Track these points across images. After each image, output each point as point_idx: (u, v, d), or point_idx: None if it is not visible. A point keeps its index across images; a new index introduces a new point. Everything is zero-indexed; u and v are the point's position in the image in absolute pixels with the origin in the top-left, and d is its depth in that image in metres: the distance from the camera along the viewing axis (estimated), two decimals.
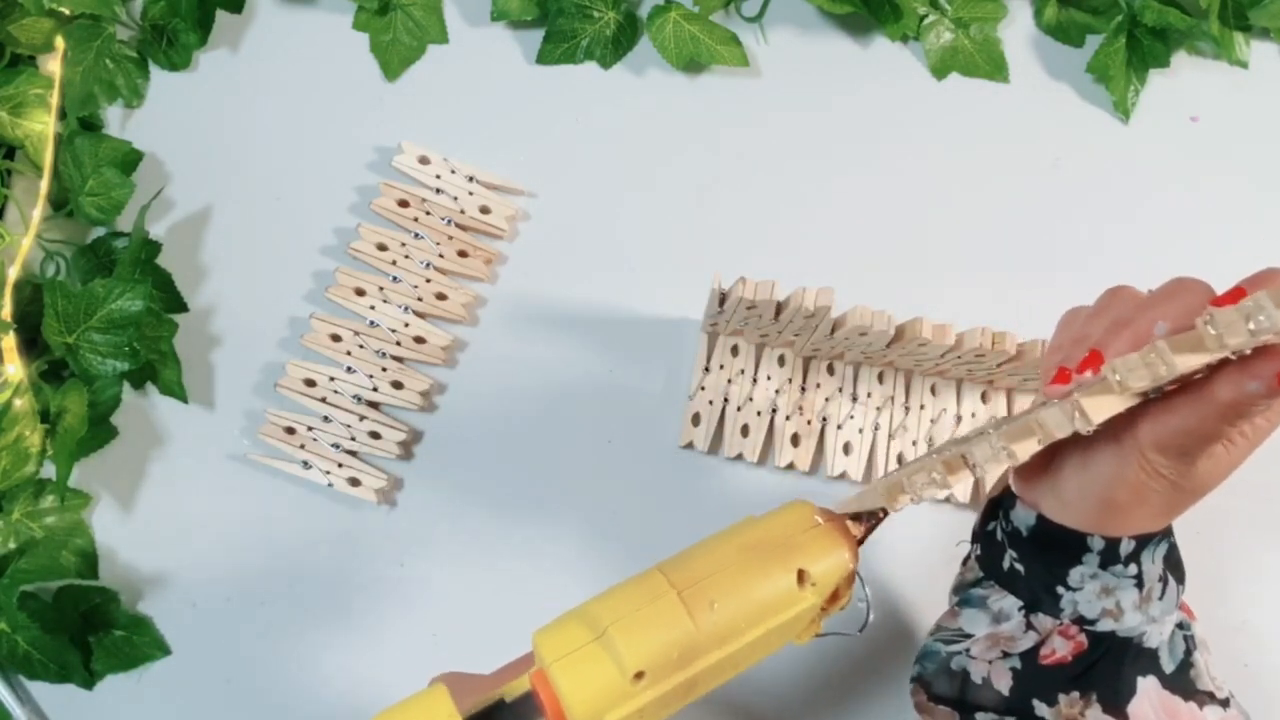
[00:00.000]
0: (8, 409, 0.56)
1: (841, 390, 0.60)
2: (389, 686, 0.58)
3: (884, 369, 0.61)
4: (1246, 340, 0.31)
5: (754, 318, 0.56)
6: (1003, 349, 0.52)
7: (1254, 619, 0.59)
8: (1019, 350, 0.53)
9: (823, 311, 0.52)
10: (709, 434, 0.59)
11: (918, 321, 0.53)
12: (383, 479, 0.60)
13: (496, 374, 0.63)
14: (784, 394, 0.60)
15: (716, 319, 0.58)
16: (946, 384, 0.61)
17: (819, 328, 0.54)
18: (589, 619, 0.37)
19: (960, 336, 0.53)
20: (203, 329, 0.63)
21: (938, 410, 0.60)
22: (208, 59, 0.68)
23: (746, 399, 0.60)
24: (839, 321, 0.54)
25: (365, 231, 0.63)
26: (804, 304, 0.52)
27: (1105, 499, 0.40)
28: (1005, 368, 0.55)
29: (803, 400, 0.60)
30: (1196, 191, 0.66)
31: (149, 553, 0.61)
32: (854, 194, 0.65)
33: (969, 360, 0.55)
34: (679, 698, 0.38)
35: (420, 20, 0.67)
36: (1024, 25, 0.69)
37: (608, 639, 0.36)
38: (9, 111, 0.62)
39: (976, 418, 0.60)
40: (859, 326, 0.52)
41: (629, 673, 0.36)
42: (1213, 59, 0.68)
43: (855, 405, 0.60)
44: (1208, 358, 0.33)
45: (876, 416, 0.60)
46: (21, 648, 0.55)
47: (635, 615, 0.37)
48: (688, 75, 0.67)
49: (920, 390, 0.60)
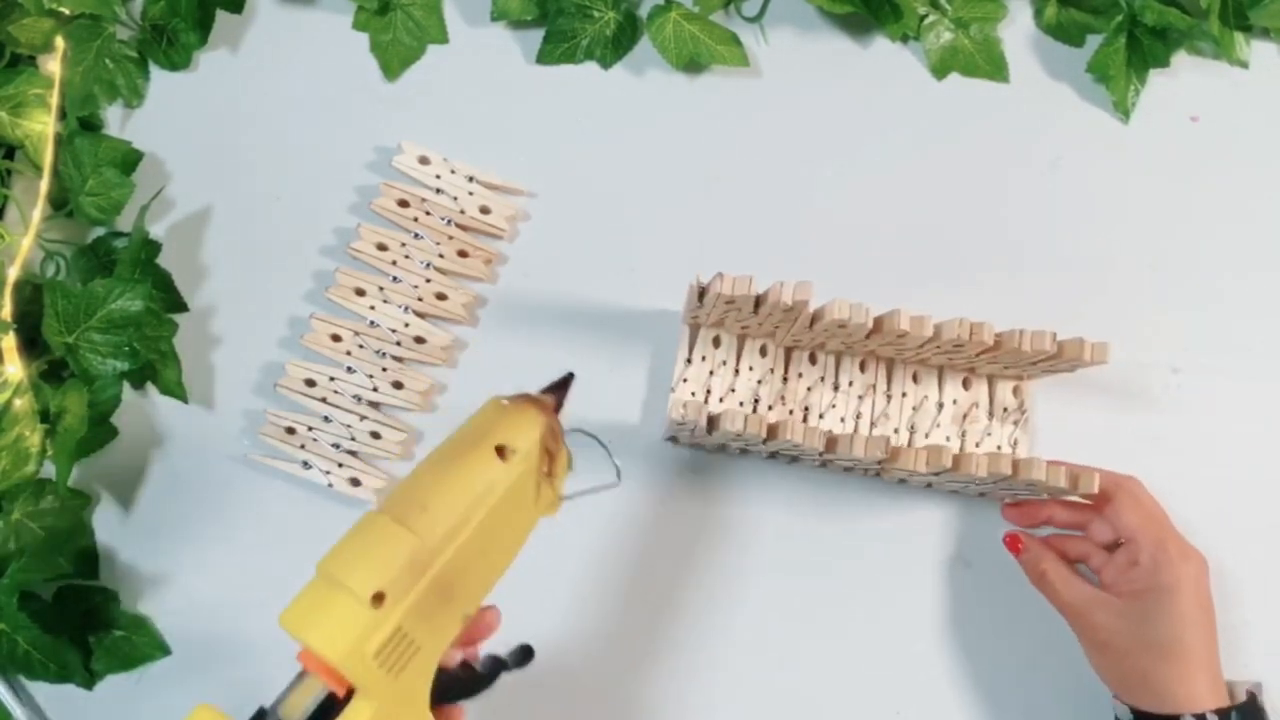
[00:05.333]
0: (8, 409, 0.56)
1: (824, 379, 0.61)
2: None
3: (865, 358, 0.61)
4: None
5: (734, 311, 0.56)
6: (980, 339, 0.53)
7: (1254, 619, 0.59)
8: (997, 340, 0.53)
9: (800, 305, 0.52)
10: (693, 426, 0.59)
11: (896, 313, 0.53)
12: (383, 479, 0.60)
13: (496, 374, 0.63)
14: (766, 384, 0.60)
15: (697, 312, 0.58)
16: (928, 372, 0.61)
17: (798, 320, 0.55)
18: (318, 575, 0.38)
19: (938, 327, 0.53)
20: (203, 329, 0.63)
21: (919, 397, 0.60)
22: (208, 59, 0.68)
23: (729, 390, 0.60)
24: (818, 314, 0.54)
25: (365, 231, 0.63)
26: (782, 298, 0.52)
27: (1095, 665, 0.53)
28: (984, 356, 0.56)
29: (785, 390, 0.60)
30: (1196, 191, 0.66)
31: (149, 553, 0.61)
32: (854, 193, 0.65)
33: (948, 350, 0.56)
34: (439, 607, 0.39)
35: (420, 20, 0.67)
36: (1024, 25, 0.69)
37: (334, 580, 0.37)
38: (9, 111, 0.62)
39: (958, 404, 0.60)
40: (838, 319, 0.52)
41: (365, 598, 0.37)
42: (1213, 59, 0.68)
43: (837, 394, 0.60)
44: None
45: (859, 405, 0.60)
46: (21, 648, 0.55)
47: (352, 551, 0.38)
48: (688, 75, 0.67)
49: (902, 378, 0.61)
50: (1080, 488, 0.51)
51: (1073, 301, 0.64)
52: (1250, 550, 0.60)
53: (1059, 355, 0.53)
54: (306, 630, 0.37)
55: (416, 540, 0.38)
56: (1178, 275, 0.64)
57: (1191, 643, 0.50)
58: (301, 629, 0.37)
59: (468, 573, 0.40)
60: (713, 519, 0.60)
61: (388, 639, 0.37)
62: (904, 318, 0.52)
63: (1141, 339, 0.63)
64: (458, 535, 0.40)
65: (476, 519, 0.40)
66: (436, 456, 0.42)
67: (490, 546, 0.41)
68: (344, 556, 0.38)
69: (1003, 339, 0.53)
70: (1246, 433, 0.62)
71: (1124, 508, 0.52)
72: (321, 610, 0.37)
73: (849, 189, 0.65)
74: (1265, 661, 0.59)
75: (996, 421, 0.60)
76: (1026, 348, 0.53)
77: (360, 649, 0.37)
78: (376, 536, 0.39)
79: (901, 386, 0.61)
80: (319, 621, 0.37)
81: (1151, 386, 0.63)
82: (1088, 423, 0.62)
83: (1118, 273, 0.65)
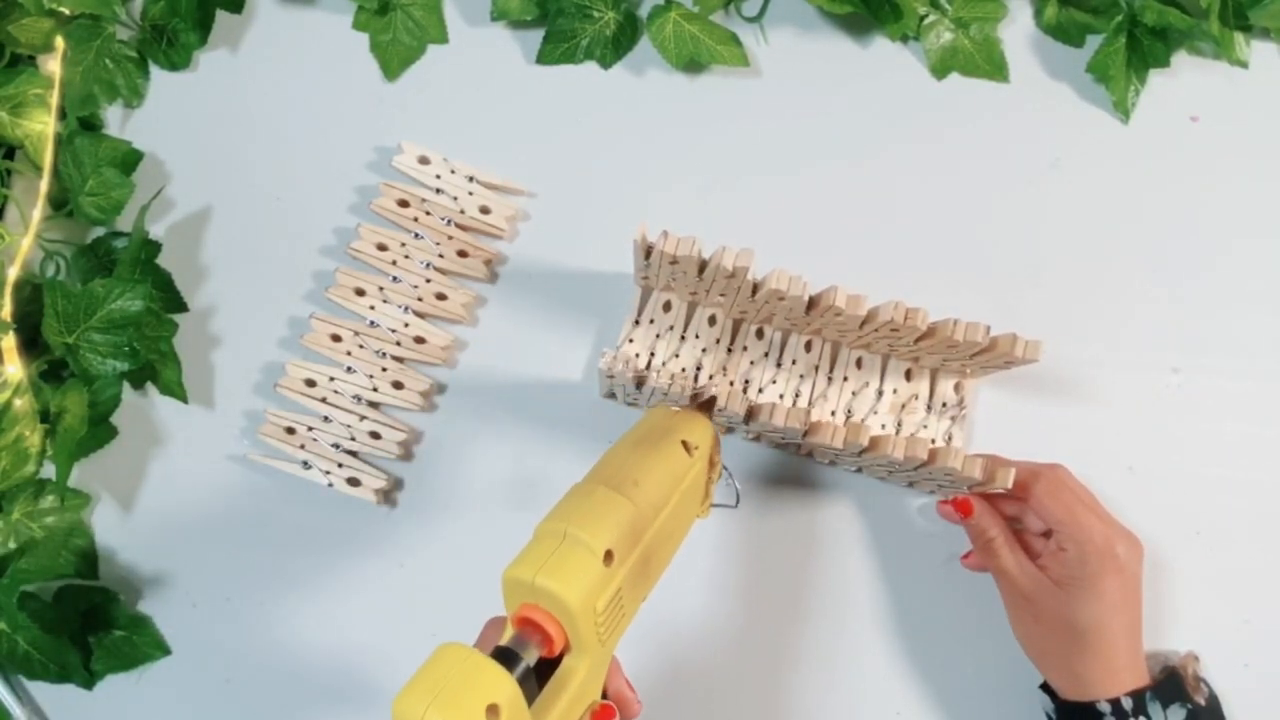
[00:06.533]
0: (8, 409, 0.56)
1: (767, 355, 0.61)
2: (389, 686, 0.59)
3: (812, 338, 0.61)
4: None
5: (680, 274, 0.56)
6: (914, 325, 0.53)
7: (1254, 619, 0.60)
8: (930, 328, 0.54)
9: (742, 272, 0.52)
10: (623, 382, 0.59)
11: (832, 290, 0.53)
12: (383, 479, 0.60)
13: (496, 374, 0.63)
14: (710, 353, 0.60)
15: (646, 271, 0.58)
16: (872, 358, 0.61)
17: (740, 290, 0.55)
18: (546, 533, 0.40)
19: (874, 310, 0.53)
20: (203, 329, 0.63)
21: (860, 383, 0.60)
22: (208, 59, 0.68)
23: (673, 355, 0.60)
24: (759, 283, 0.54)
25: (365, 231, 0.63)
26: (723, 262, 0.52)
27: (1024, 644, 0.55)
28: (924, 344, 0.56)
29: (728, 361, 0.61)
30: (1196, 192, 0.66)
31: (149, 553, 0.61)
32: (854, 194, 0.65)
33: (886, 334, 0.56)
34: (640, 577, 0.42)
35: (420, 20, 0.67)
36: (1024, 25, 0.69)
37: (571, 536, 0.39)
38: (9, 111, 0.62)
39: (898, 394, 0.61)
40: (776, 290, 0.52)
41: (599, 554, 0.39)
42: (1213, 59, 0.68)
43: (779, 371, 0.60)
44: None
45: (799, 384, 0.60)
46: (21, 648, 0.55)
47: (580, 511, 0.40)
48: (688, 75, 0.67)
49: (846, 362, 0.61)
50: (997, 481, 0.51)
51: (1072, 301, 0.64)
52: (1250, 550, 0.60)
53: (991, 349, 0.53)
54: (549, 577, 0.37)
55: (635, 509, 0.41)
56: (1178, 275, 0.64)
57: (1113, 631, 0.51)
58: (543, 576, 0.37)
59: (657, 554, 0.43)
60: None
61: (611, 598, 0.39)
62: (840, 295, 0.53)
63: (1141, 339, 0.63)
64: (660, 513, 0.42)
65: (672, 502, 0.43)
66: (631, 441, 0.46)
67: (674, 533, 0.45)
68: (575, 516, 0.40)
69: (936, 326, 0.53)
70: (1246, 433, 0.62)
71: (1044, 497, 0.52)
72: (564, 561, 0.38)
73: (849, 189, 0.65)
74: (1266, 662, 0.59)
75: (934, 415, 0.60)
76: (959, 337, 0.52)
77: (593, 602, 0.38)
78: (601, 501, 0.41)
79: (844, 371, 0.61)
80: (561, 570, 0.38)
81: (1151, 386, 0.63)
82: (1088, 422, 0.62)
83: (1117, 273, 0.64)
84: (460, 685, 0.34)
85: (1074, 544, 0.51)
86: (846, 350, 0.61)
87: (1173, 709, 0.50)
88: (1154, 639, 0.57)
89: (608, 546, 0.39)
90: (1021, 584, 0.53)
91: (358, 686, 0.59)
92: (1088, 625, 0.50)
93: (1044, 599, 0.52)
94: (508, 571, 0.39)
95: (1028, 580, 0.53)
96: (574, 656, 0.39)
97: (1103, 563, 0.51)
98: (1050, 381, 0.62)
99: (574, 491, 0.42)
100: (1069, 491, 0.53)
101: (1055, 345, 0.59)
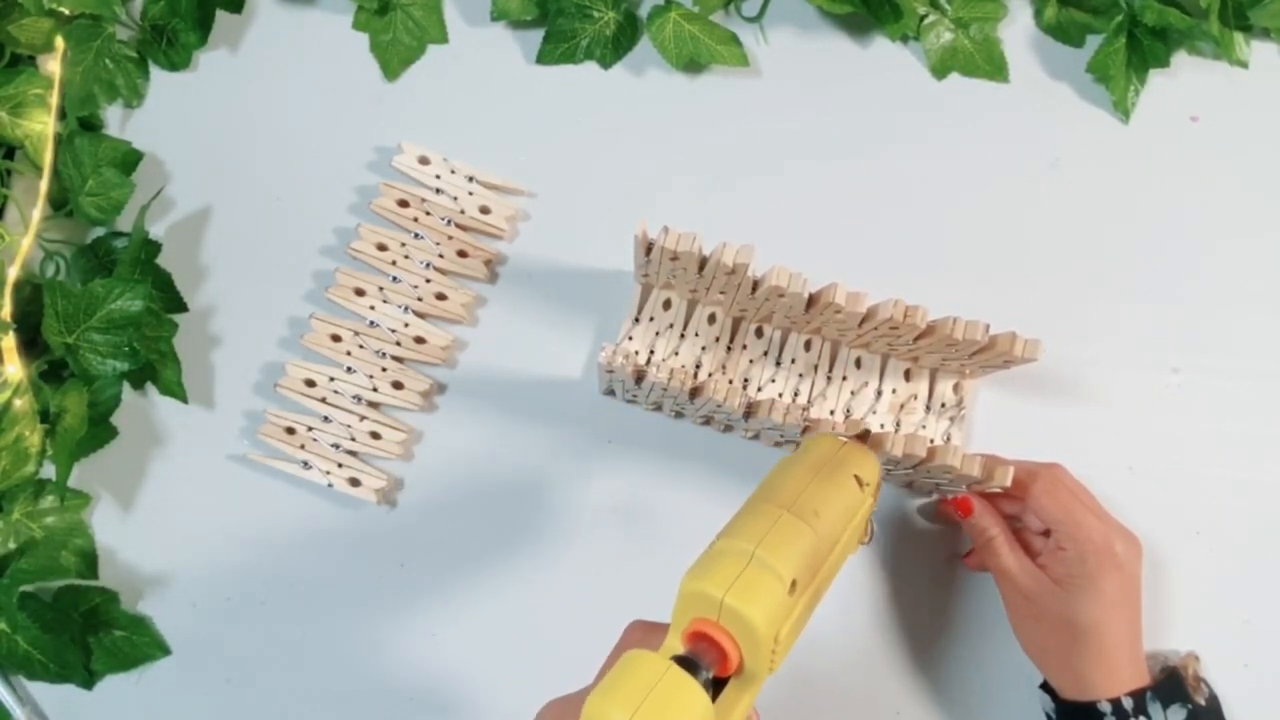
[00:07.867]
0: (8, 409, 0.56)
1: (767, 354, 0.61)
2: (389, 686, 0.59)
3: (811, 337, 0.61)
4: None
5: (680, 270, 0.56)
6: (913, 323, 0.53)
7: (1254, 619, 0.60)
8: (930, 326, 0.53)
9: (742, 268, 0.52)
10: (623, 378, 0.58)
11: (832, 287, 0.53)
12: (383, 479, 0.60)
13: (497, 374, 0.63)
14: (710, 351, 0.60)
15: (646, 268, 0.58)
16: (871, 358, 0.61)
17: (741, 287, 0.55)
18: (732, 551, 0.38)
19: (873, 307, 0.53)
20: (203, 329, 0.63)
21: (859, 383, 0.60)
22: (208, 59, 0.68)
23: (673, 352, 0.60)
24: (759, 281, 0.54)
25: (365, 231, 0.63)
26: (723, 259, 0.52)
27: (1026, 647, 0.54)
28: (924, 343, 0.56)
29: (728, 359, 0.61)
30: (1196, 191, 0.66)
31: (149, 553, 0.61)
32: (854, 194, 0.65)
33: (885, 333, 0.56)
34: (809, 609, 0.40)
35: (420, 20, 0.67)
36: (1024, 25, 0.69)
37: (759, 560, 0.38)
38: (9, 111, 0.62)
39: (897, 394, 0.61)
40: (776, 287, 0.52)
41: (786, 582, 0.37)
42: (1213, 59, 0.68)
43: (779, 370, 0.60)
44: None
45: (798, 383, 0.60)
46: (21, 648, 0.55)
47: (769, 536, 0.39)
48: (688, 75, 0.67)
49: (845, 362, 0.61)
50: (995, 479, 0.51)
51: (1072, 301, 0.64)
52: (1250, 550, 0.60)
53: (990, 347, 0.53)
54: (738, 599, 0.36)
55: (817, 541, 0.40)
56: (1177, 275, 0.64)
57: (1113, 630, 0.51)
58: (734, 597, 0.36)
59: (825, 581, 0.42)
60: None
61: (791, 628, 0.38)
62: (840, 292, 0.53)
63: (1141, 339, 0.63)
64: (834, 547, 0.41)
65: (844, 538, 0.42)
66: (805, 468, 0.44)
67: (837, 563, 0.43)
68: (767, 543, 0.39)
69: (936, 325, 0.53)
70: (1246, 433, 0.62)
71: (1041, 497, 0.53)
72: (753, 585, 0.37)
73: (849, 189, 0.65)
74: (1266, 661, 0.59)
75: (933, 416, 0.60)
76: (959, 336, 0.52)
77: (775, 630, 0.37)
78: (788, 527, 0.40)
79: (843, 370, 0.61)
80: (751, 593, 0.37)
81: (1151, 386, 0.63)
82: (1087, 422, 0.62)
83: (1117, 272, 0.65)
84: (663, 701, 0.34)
85: (1072, 543, 0.51)
86: (846, 350, 0.61)
87: (1173, 709, 0.50)
88: (1154, 639, 0.58)
89: (794, 575, 0.38)
90: (1022, 583, 0.53)
91: (358, 687, 0.59)
92: (1088, 624, 0.50)
93: (1044, 598, 0.52)
94: (690, 583, 0.37)
95: (1028, 579, 0.53)
96: (742, 682, 0.38)
97: (1101, 561, 0.51)
98: (1050, 381, 0.62)
99: (756, 511, 0.41)
100: (1066, 491, 0.53)
101: (1055, 345, 0.59)
